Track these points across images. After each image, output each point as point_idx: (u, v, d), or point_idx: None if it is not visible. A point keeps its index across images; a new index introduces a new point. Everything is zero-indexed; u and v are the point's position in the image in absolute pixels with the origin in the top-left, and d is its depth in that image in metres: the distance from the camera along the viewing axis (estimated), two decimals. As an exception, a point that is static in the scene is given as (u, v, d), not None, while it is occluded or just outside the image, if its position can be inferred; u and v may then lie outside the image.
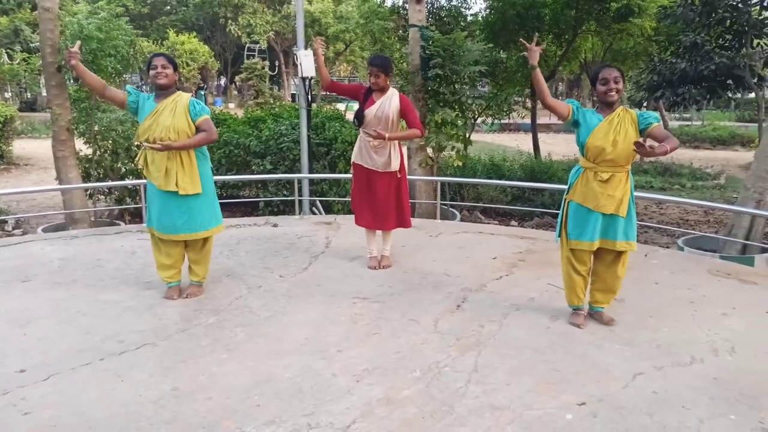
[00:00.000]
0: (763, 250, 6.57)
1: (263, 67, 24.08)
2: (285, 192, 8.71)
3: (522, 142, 21.27)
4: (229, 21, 36.98)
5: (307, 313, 4.05)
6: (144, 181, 8.41)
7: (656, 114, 3.65)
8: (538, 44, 3.66)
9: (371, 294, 4.41)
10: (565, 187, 3.90)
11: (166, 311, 4.09)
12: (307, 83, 7.69)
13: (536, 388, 3.03)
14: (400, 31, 10.06)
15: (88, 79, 4.07)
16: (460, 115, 8.60)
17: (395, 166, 4.90)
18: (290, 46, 42.28)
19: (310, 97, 7.76)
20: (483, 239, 6.06)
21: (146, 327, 3.81)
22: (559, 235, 3.88)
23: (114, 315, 4.01)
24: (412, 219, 5.27)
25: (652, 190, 12.93)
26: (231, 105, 37.71)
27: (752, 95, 16.38)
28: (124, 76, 8.78)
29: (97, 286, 4.60)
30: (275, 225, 6.66)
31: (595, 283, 3.87)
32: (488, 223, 9.11)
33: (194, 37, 31.02)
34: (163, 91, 4.04)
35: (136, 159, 4.22)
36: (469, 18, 10.99)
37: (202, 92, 36.56)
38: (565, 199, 3.84)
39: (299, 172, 8.50)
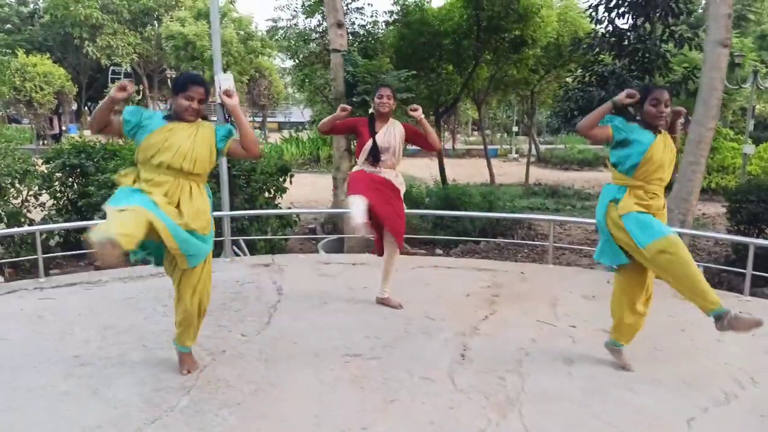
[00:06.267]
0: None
1: (139, 91, 22.15)
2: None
3: (412, 168, 21.55)
4: (86, 42, 34.03)
5: (299, 381, 3.43)
6: (32, 228, 7.15)
7: None
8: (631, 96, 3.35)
9: (361, 349, 3.88)
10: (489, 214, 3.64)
11: (118, 394, 3.25)
12: (226, 109, 6.95)
13: (604, 450, 2.72)
14: (313, 58, 9.64)
15: (107, 115, 3.15)
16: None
17: (401, 184, 4.45)
18: (155, 69, 39.89)
19: (229, 124, 7.02)
20: (443, 274, 5.75)
21: (101, 420, 2.97)
22: (617, 264, 3.47)
23: (48, 406, 3.11)
24: (351, 254, 4.76)
25: (549, 212, 13.54)
26: (87, 132, 34.26)
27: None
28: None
29: (9, 366, 3.59)
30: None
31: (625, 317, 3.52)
32: (416, 254, 8.86)
33: (48, 59, 27.94)
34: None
35: (121, 173, 3.26)
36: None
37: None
38: (613, 218, 3.34)
39: (214, 207, 7.66)
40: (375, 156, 4.35)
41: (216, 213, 7.08)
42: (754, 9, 29.12)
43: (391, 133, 4.37)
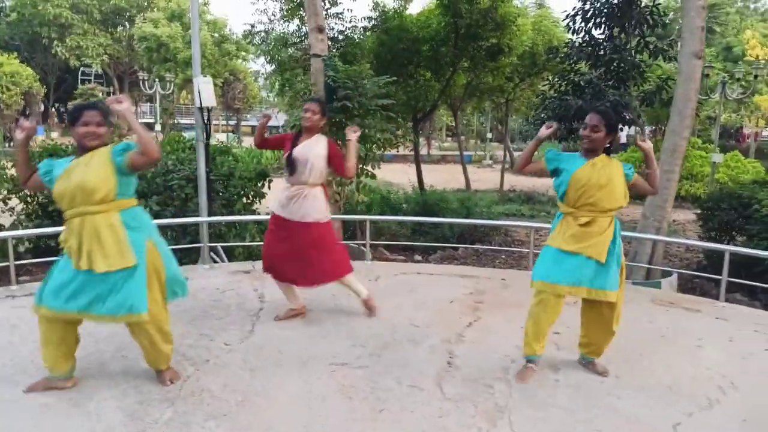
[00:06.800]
0: (664, 274, 7.09)
1: (108, 94, 21.69)
2: (168, 235, 7.61)
3: (389, 173, 21.57)
4: (55, 42, 33.31)
5: (286, 390, 3.39)
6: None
7: (628, 165, 3.57)
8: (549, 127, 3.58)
9: (348, 357, 3.84)
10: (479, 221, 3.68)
11: (99, 406, 3.16)
12: (206, 114, 6.86)
13: (594, 457, 2.74)
14: (294, 62, 9.57)
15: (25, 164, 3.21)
16: (367, 148, 8.33)
17: (313, 216, 4.31)
18: (126, 70, 39.22)
19: (209, 130, 6.93)
20: (426, 281, 5.75)
21: (83, 434, 2.89)
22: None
23: (30, 419, 3.01)
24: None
25: (524, 218, 13.68)
26: (54, 134, 33.15)
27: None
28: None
29: (-17, 378, 3.47)
30: (185, 278, 5.72)
31: (585, 335, 3.68)
32: (395, 260, 8.87)
33: (14, 58, 27.24)
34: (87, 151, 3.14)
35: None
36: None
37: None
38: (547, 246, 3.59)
39: (191, 212, 7.55)
40: (290, 167, 4.30)
41: (194, 219, 7.01)
42: (719, 21, 30.01)
43: (310, 148, 4.27)
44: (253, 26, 10.97)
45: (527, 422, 3.04)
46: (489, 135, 30.48)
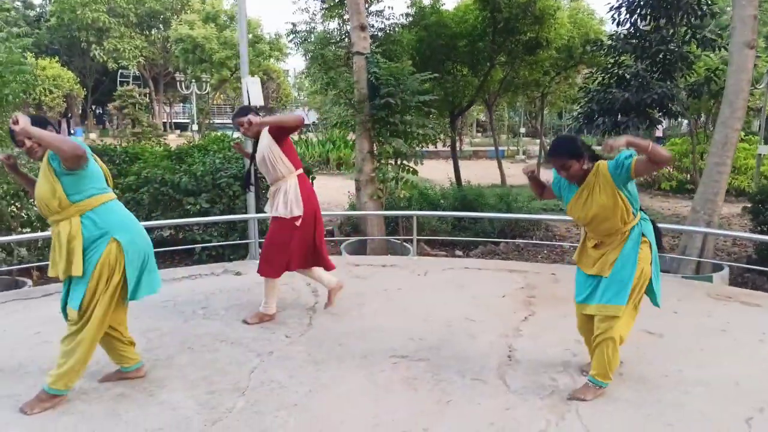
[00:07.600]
0: (714, 267, 6.96)
1: (146, 95, 22.15)
2: (215, 232, 7.78)
3: (425, 169, 21.47)
4: (93, 45, 34.15)
5: (350, 383, 3.45)
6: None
7: (626, 152, 3.01)
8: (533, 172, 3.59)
9: (408, 350, 3.89)
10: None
11: (172, 397, 3.27)
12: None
13: (668, 451, 2.73)
14: (338, 61, 9.66)
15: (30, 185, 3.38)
16: (407, 144, 8.37)
17: (279, 211, 4.34)
18: (161, 72, 39.99)
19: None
20: (475, 276, 5.76)
21: (162, 424, 2.99)
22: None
23: (106, 408, 3.13)
24: (377, 256, 4.67)
25: (563, 212, 13.52)
26: (92, 135, 34.00)
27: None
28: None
29: (59, 370, 3.61)
30: (238, 273, 5.87)
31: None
32: (436, 255, 8.88)
33: (56, 62, 28.02)
34: None
35: None
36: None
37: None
38: None
39: (239, 209, 7.71)
40: (247, 181, 4.66)
41: (242, 216, 7.15)
42: (762, 8, 29.08)
43: (260, 147, 4.33)
44: (294, 25, 11.14)
45: (596, 415, 3.04)
46: (522, 130, 30.20)
